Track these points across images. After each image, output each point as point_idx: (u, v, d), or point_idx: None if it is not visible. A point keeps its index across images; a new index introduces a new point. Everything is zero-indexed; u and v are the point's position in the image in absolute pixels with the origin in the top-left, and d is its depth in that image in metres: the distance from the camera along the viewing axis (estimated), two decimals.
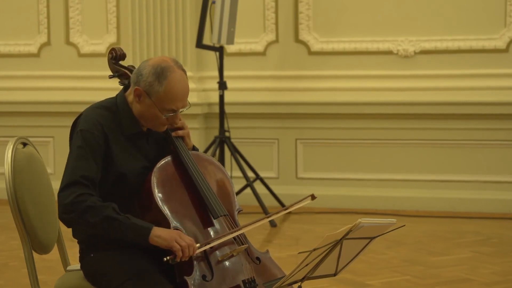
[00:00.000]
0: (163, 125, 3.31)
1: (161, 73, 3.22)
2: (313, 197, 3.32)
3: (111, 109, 3.31)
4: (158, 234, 3.11)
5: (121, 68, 3.46)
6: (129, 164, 3.27)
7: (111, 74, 3.49)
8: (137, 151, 3.32)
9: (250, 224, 3.28)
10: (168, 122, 3.30)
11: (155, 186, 3.23)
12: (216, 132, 7.54)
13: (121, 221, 3.11)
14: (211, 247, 3.19)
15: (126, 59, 3.52)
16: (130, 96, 3.32)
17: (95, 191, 3.17)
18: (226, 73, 7.51)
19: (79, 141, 3.21)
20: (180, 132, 3.39)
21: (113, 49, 3.47)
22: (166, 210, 3.19)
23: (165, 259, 3.09)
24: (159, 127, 3.32)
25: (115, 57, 3.46)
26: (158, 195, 3.22)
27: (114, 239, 3.19)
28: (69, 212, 3.11)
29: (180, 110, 3.28)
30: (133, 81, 3.29)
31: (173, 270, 3.18)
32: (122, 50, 3.49)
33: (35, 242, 3.40)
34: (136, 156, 3.31)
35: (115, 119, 3.29)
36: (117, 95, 3.36)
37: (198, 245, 3.14)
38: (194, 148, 3.48)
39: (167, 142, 3.41)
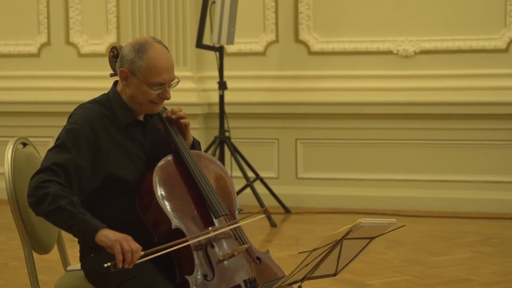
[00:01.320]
0: (155, 103, 3.29)
1: (139, 48, 3.25)
2: (265, 211, 3.37)
3: (105, 104, 3.32)
4: (105, 233, 3.04)
5: None
6: (125, 159, 3.26)
7: (112, 72, 3.50)
8: (133, 145, 3.31)
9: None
10: (159, 98, 3.29)
11: (157, 185, 3.23)
12: (216, 132, 7.54)
13: (72, 214, 3.04)
14: (211, 242, 3.19)
15: None
16: (119, 85, 3.33)
17: (65, 179, 3.11)
18: (226, 73, 7.51)
19: (61, 134, 3.21)
20: (184, 121, 3.38)
21: (114, 47, 3.48)
22: (167, 209, 3.19)
23: (105, 265, 2.98)
24: (153, 107, 3.31)
25: (116, 55, 3.47)
26: (159, 194, 3.21)
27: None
28: (31, 196, 3.08)
29: (169, 83, 3.28)
30: (117, 67, 3.32)
31: (174, 269, 3.18)
32: None
33: (35, 242, 3.40)
34: (131, 150, 3.30)
35: (109, 112, 3.29)
36: (109, 90, 3.37)
37: (142, 253, 3.03)
38: (194, 142, 3.47)
39: (166, 140, 3.40)
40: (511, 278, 5.38)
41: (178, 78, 3.32)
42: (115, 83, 3.39)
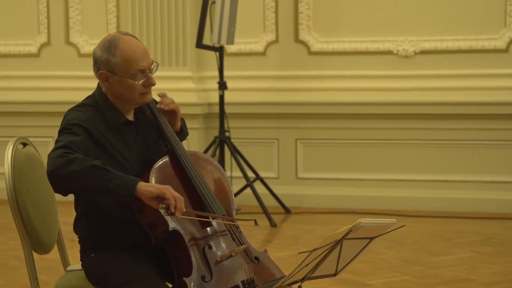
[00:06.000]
0: (142, 93, 3.28)
1: (109, 46, 3.27)
2: (255, 222, 3.36)
3: (94, 106, 3.31)
4: (147, 184, 3.04)
5: None
6: (118, 159, 3.25)
7: None
8: (126, 145, 3.29)
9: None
10: (145, 87, 3.27)
11: None
12: (216, 132, 7.53)
13: (108, 170, 3.03)
14: (208, 243, 3.20)
15: None
16: (103, 87, 3.33)
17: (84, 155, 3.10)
18: (226, 73, 7.51)
19: (63, 127, 3.19)
20: (172, 106, 3.39)
21: None
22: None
23: (160, 205, 3.01)
24: (144, 98, 3.30)
25: None
26: None
27: (98, 197, 3.16)
28: (54, 165, 3.01)
29: (149, 69, 3.27)
30: (94, 72, 3.32)
31: (172, 271, 3.18)
32: None
33: (35, 242, 3.40)
34: (126, 150, 3.28)
35: (98, 114, 3.29)
36: (94, 91, 3.37)
37: (184, 210, 3.07)
38: (181, 129, 3.48)
39: (161, 137, 3.40)
40: (511, 278, 5.38)
41: (157, 62, 3.32)
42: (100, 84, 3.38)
